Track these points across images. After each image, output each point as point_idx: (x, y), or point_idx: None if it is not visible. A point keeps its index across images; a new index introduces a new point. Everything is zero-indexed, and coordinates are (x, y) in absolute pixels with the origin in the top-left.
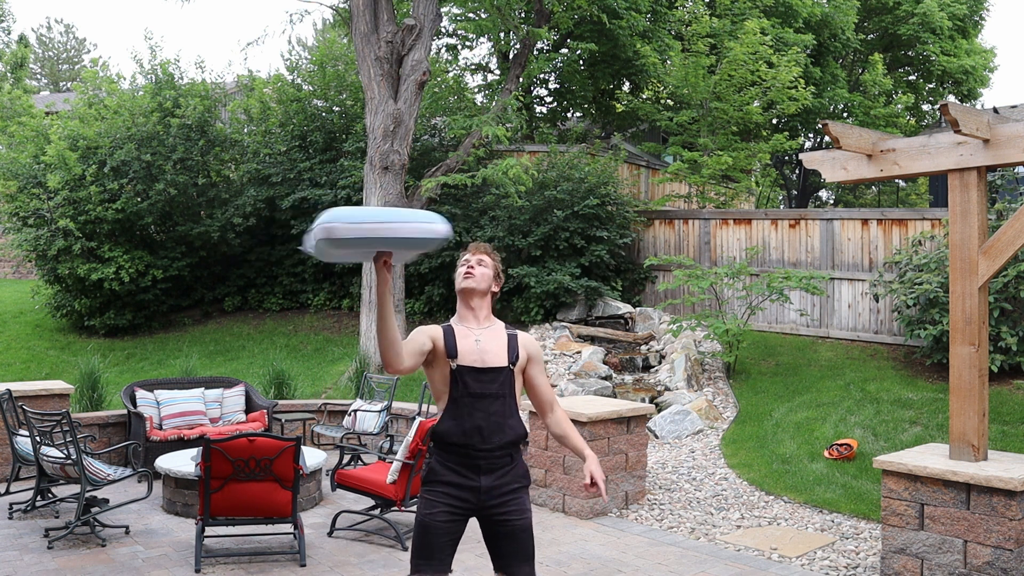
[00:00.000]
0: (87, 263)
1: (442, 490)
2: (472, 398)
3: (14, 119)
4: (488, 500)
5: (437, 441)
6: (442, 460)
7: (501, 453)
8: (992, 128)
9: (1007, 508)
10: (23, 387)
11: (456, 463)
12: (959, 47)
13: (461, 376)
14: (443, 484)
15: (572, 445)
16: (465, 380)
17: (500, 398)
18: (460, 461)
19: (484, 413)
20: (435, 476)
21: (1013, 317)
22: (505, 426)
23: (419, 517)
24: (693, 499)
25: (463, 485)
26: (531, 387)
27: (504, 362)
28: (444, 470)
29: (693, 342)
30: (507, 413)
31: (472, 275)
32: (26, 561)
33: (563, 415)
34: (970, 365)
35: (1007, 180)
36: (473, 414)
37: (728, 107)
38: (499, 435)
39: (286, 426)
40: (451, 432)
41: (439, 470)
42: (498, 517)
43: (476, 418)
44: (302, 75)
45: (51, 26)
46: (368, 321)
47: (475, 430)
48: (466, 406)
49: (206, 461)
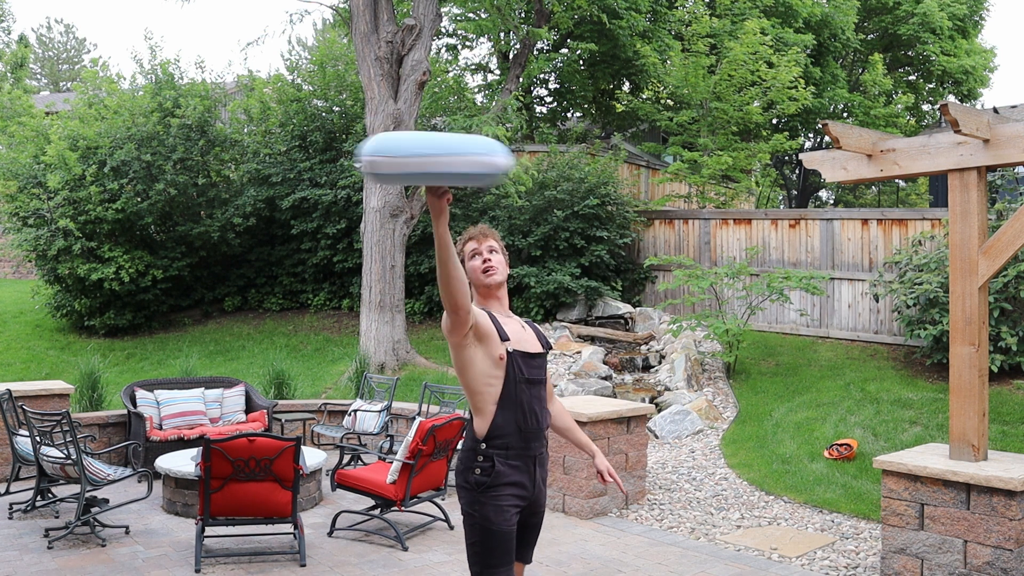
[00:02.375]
0: (87, 263)
1: (510, 492)
2: (528, 384)
3: (14, 119)
4: (537, 494)
5: (496, 437)
6: (505, 459)
7: (544, 442)
8: (992, 128)
9: (1007, 508)
10: (23, 387)
11: (518, 458)
12: (959, 47)
13: (516, 361)
14: (510, 485)
15: (577, 440)
16: (519, 365)
17: (543, 384)
18: (521, 455)
19: (537, 400)
20: (501, 478)
21: (1013, 317)
22: (545, 412)
23: (489, 527)
24: (693, 499)
25: (524, 483)
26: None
27: (541, 347)
28: (509, 470)
29: (693, 342)
30: (545, 399)
31: (493, 268)
32: (26, 561)
33: (563, 407)
34: (970, 365)
35: (1007, 180)
36: (529, 402)
37: (728, 107)
38: (544, 422)
39: (286, 426)
40: (510, 423)
41: (504, 471)
42: (534, 509)
43: (531, 405)
44: (302, 75)
45: (51, 26)
46: (368, 321)
47: (532, 418)
48: (523, 393)
49: (206, 461)
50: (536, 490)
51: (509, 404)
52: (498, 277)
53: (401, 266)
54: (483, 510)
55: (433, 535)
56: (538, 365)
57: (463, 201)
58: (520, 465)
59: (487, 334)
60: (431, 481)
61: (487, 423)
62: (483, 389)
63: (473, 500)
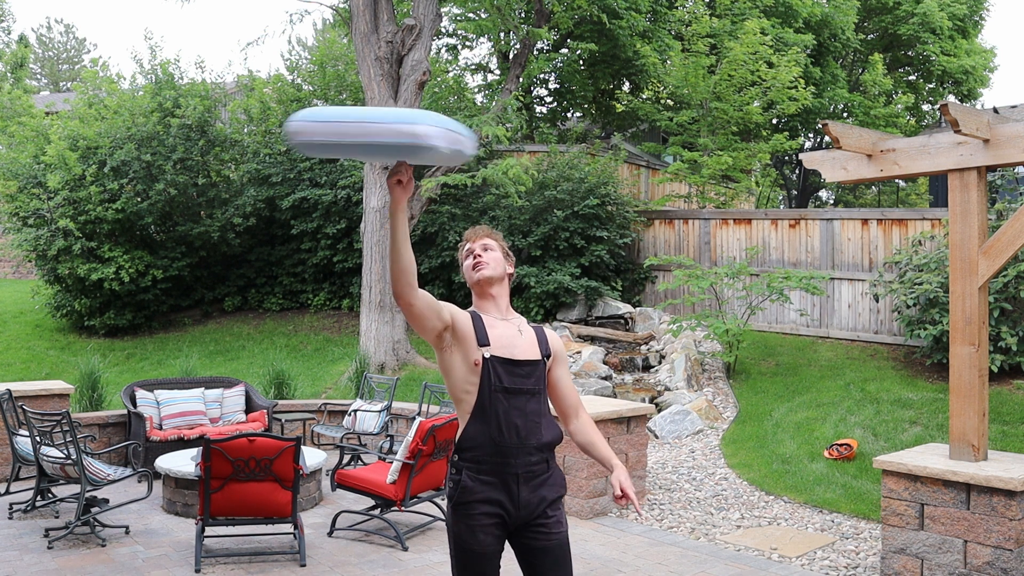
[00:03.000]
0: (87, 263)
1: (481, 510)
2: (506, 394)
3: (14, 119)
4: (527, 515)
5: (466, 449)
6: (474, 473)
7: (539, 458)
8: (992, 128)
9: (1007, 508)
10: (23, 387)
11: (491, 474)
12: (959, 47)
13: (494, 367)
14: (480, 502)
15: (599, 455)
16: (498, 372)
17: (535, 395)
18: (495, 470)
19: (520, 412)
20: (469, 495)
21: (1013, 317)
22: (541, 427)
23: (459, 545)
24: (693, 499)
25: (503, 501)
26: (555, 388)
27: (537, 355)
28: (479, 485)
29: (693, 342)
30: (542, 412)
31: (483, 263)
32: (26, 561)
33: (589, 420)
34: (970, 365)
35: (1007, 180)
36: (509, 412)
37: (728, 107)
38: (536, 437)
39: (286, 426)
40: (483, 435)
41: (472, 486)
42: (535, 532)
43: (512, 417)
44: (302, 75)
45: (51, 26)
46: (368, 321)
47: (511, 431)
48: (500, 403)
49: (206, 461)
50: (523, 510)
51: (482, 415)
52: (487, 272)
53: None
54: (455, 527)
55: (433, 535)
56: (524, 374)
57: (463, 201)
58: (494, 481)
59: (464, 337)
60: (431, 481)
61: (467, 432)
62: (461, 396)
63: (449, 514)
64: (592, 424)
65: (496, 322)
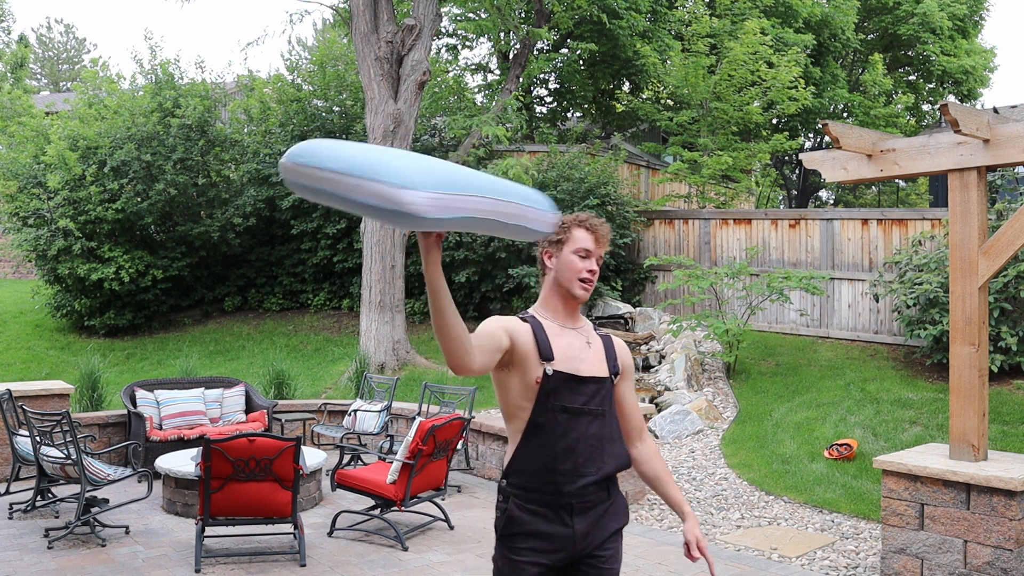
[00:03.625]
0: (87, 263)
1: (528, 545)
2: (566, 415)
3: (14, 119)
4: (583, 548)
5: (515, 474)
6: (523, 503)
7: (597, 488)
8: (992, 128)
9: (1007, 508)
10: (23, 387)
11: (543, 504)
12: (959, 47)
13: (555, 386)
14: (528, 536)
15: (668, 496)
16: (559, 390)
17: (599, 417)
18: (548, 500)
19: (580, 435)
20: (517, 527)
21: (1013, 317)
22: (604, 453)
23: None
24: (693, 499)
25: (554, 535)
26: (617, 407)
27: (605, 371)
28: (528, 516)
29: (693, 342)
30: (606, 436)
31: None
32: (26, 561)
33: (654, 449)
34: (970, 365)
35: (1007, 180)
36: (567, 436)
37: (728, 107)
38: (597, 464)
39: (286, 426)
40: (535, 460)
41: (521, 517)
42: (586, 568)
43: (570, 441)
44: (302, 75)
45: (51, 26)
46: (368, 321)
47: (568, 456)
48: (557, 425)
49: (206, 461)
50: (579, 543)
51: (536, 436)
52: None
53: (401, 266)
54: (499, 560)
55: (433, 535)
56: (589, 393)
57: None
58: (546, 513)
59: (525, 357)
60: (431, 481)
61: (518, 455)
62: (515, 413)
63: (496, 543)
64: (658, 454)
65: (562, 330)
